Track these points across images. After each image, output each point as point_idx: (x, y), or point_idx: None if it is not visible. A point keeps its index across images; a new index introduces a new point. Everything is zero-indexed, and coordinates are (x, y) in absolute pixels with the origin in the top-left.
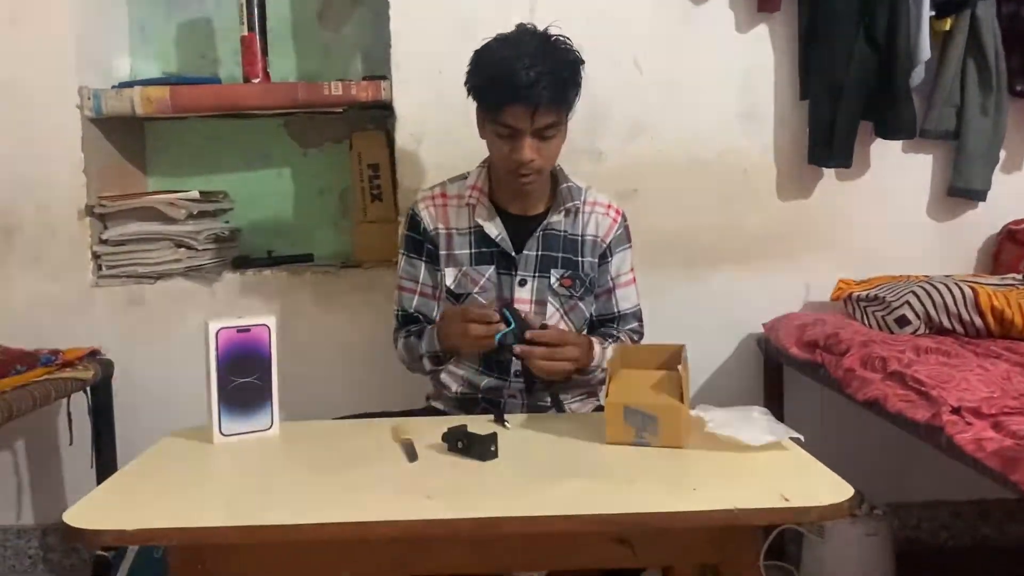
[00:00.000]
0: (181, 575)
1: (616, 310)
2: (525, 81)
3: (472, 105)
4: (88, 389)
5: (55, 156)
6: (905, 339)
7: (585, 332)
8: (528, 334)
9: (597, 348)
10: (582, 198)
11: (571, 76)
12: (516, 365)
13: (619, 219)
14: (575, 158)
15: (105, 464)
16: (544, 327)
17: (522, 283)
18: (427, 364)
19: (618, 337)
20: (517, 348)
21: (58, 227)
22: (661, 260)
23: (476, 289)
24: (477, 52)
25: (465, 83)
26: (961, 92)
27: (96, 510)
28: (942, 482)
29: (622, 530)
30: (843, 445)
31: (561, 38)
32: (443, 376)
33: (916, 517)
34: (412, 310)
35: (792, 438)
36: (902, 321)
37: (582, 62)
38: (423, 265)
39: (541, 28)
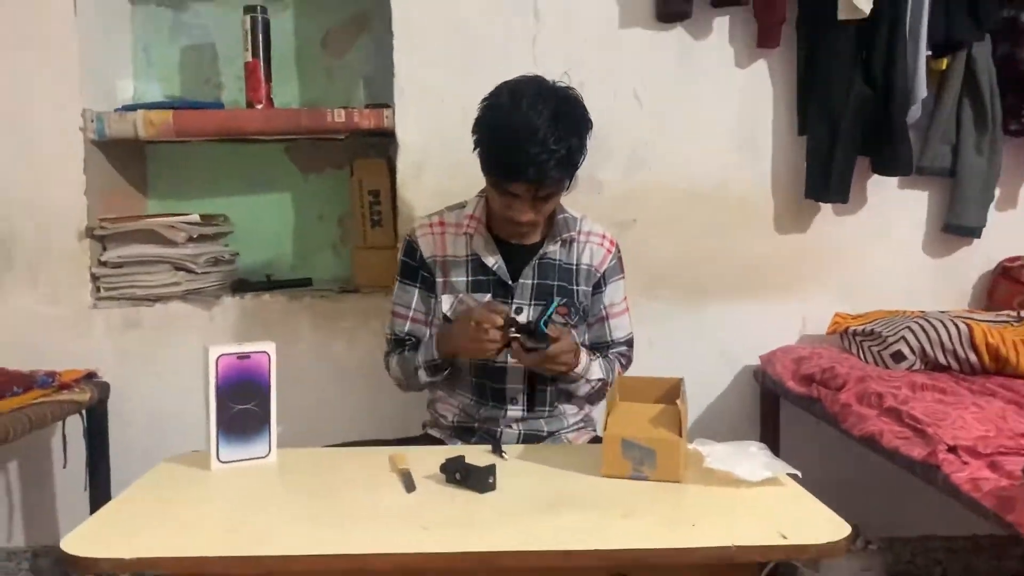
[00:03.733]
0: None
1: (610, 338)
2: (531, 161)
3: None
4: (84, 412)
5: (57, 177)
6: (900, 375)
7: None
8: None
9: (584, 357)
10: (577, 228)
11: (580, 147)
12: (512, 392)
13: (613, 249)
14: (574, 189)
15: (99, 487)
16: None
17: (518, 311)
18: (423, 376)
19: (607, 355)
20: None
21: (57, 248)
22: (659, 291)
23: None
24: (485, 109)
25: (472, 132)
26: (957, 130)
27: (93, 537)
28: (936, 517)
29: (620, 565)
30: (838, 478)
31: (574, 96)
32: (439, 405)
33: (910, 551)
34: (403, 335)
35: (789, 474)
36: (898, 356)
37: (591, 124)
38: (416, 292)
39: (550, 80)
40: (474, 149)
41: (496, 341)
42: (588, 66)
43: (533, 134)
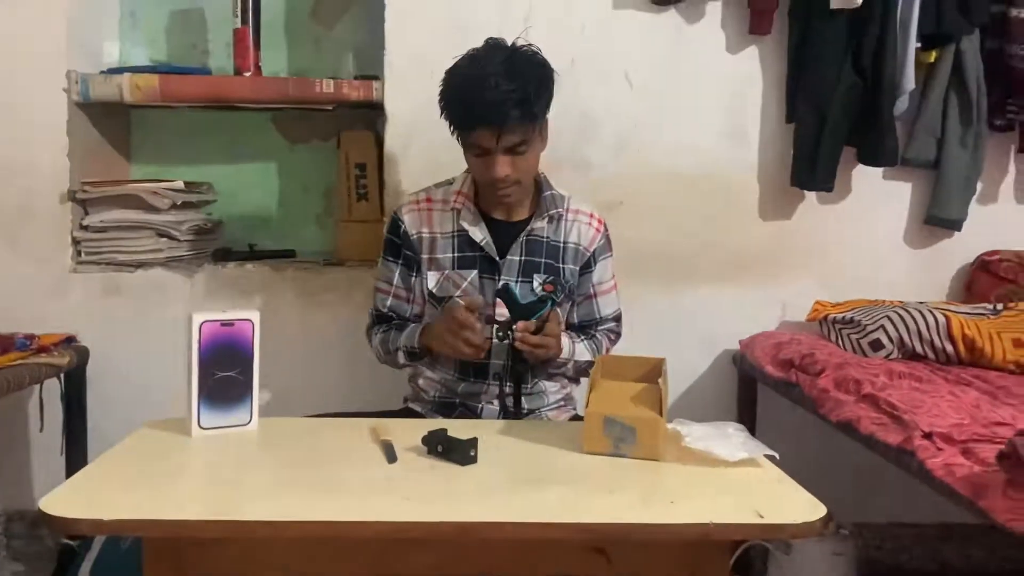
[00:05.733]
0: (155, 567)
1: (598, 315)
2: (487, 103)
3: None
4: (62, 376)
5: (39, 139)
6: (878, 363)
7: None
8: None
9: (565, 340)
10: (565, 206)
11: (538, 91)
12: (495, 367)
13: (602, 228)
14: (562, 168)
15: (75, 452)
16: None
17: (505, 287)
18: (401, 357)
19: (594, 335)
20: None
21: (39, 211)
22: (642, 273)
23: (458, 292)
24: (447, 72)
25: (439, 102)
26: (942, 123)
27: (72, 498)
28: (907, 504)
29: (600, 539)
30: (812, 463)
31: (530, 49)
32: (420, 380)
33: (879, 537)
34: (386, 310)
35: (766, 455)
36: (876, 345)
37: (551, 73)
38: (398, 268)
39: (510, 41)
40: (441, 114)
41: (475, 344)
42: (580, 46)
43: (486, 80)
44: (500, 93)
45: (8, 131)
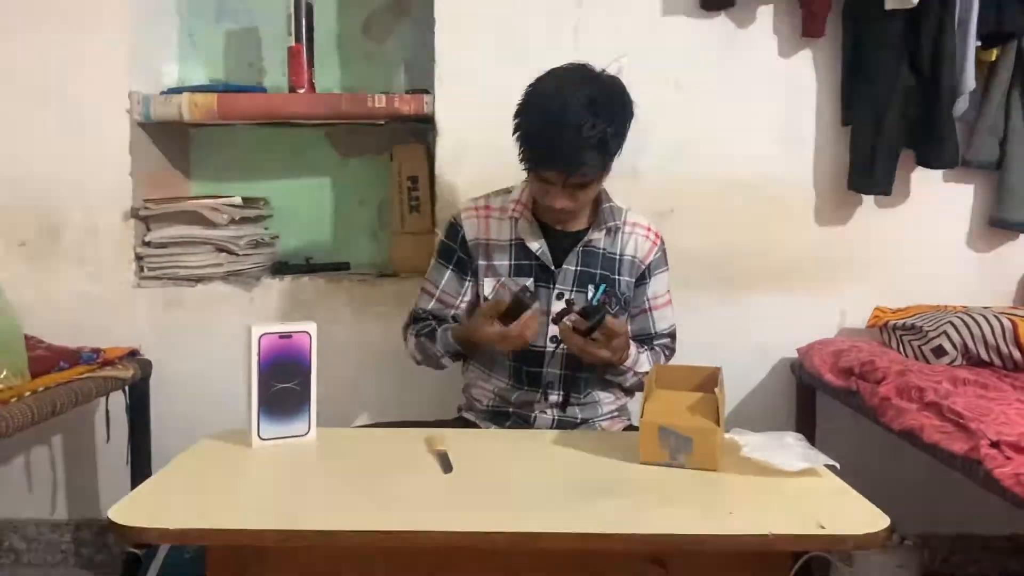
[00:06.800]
0: (217, 575)
1: (653, 330)
2: (564, 146)
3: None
4: (127, 388)
5: (103, 158)
6: (941, 370)
7: None
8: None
9: (632, 349)
10: (623, 219)
11: (616, 137)
12: (549, 376)
13: (658, 242)
14: (612, 176)
15: (140, 463)
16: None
17: (560, 297)
18: (447, 361)
19: (653, 347)
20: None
21: (103, 228)
22: (697, 281)
23: (498, 286)
24: (527, 93)
25: (514, 117)
26: (1005, 123)
27: (139, 508)
28: (973, 515)
29: (658, 550)
30: (874, 473)
31: (617, 86)
32: (474, 390)
33: (946, 549)
34: (425, 313)
35: (827, 465)
36: (939, 351)
37: (632, 112)
38: (448, 272)
39: (599, 68)
40: (513, 133)
41: (512, 336)
42: (630, 54)
43: (567, 120)
44: (579, 139)
45: (74, 151)
